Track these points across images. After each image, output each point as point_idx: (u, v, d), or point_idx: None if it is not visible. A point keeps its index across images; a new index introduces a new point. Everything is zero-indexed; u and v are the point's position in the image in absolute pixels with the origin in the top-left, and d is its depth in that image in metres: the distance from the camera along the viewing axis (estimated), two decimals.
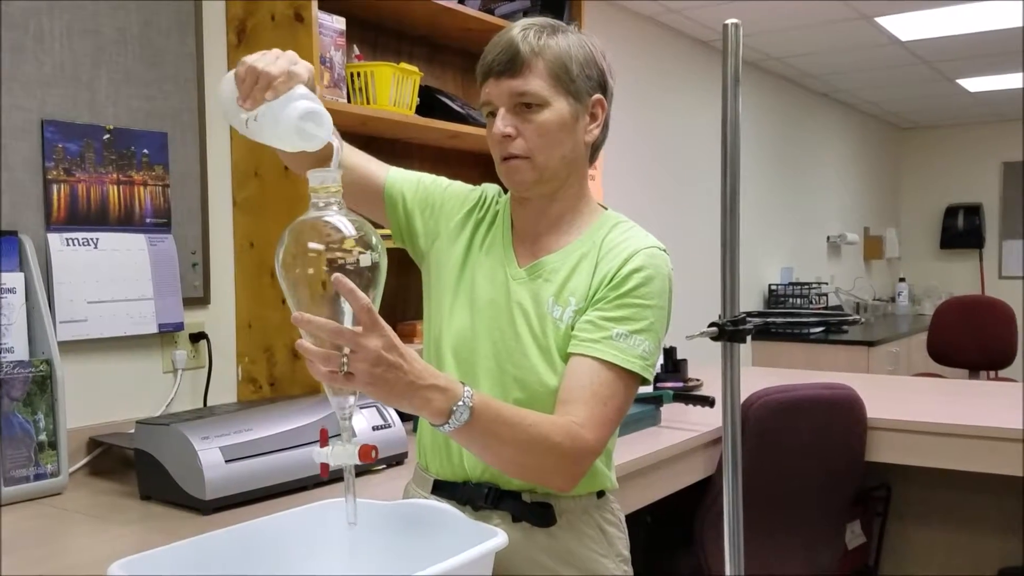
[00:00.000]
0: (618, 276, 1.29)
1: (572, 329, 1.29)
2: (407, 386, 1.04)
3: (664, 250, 1.35)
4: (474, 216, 1.44)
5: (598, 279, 1.30)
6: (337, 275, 1.00)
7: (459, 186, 1.49)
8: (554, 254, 1.36)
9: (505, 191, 1.46)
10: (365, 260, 1.06)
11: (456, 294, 1.39)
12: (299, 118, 1.13)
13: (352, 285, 0.99)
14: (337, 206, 1.09)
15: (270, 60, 1.14)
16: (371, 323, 1.00)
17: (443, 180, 1.49)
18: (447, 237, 1.43)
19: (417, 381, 1.05)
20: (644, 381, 1.29)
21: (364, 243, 1.07)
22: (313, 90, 1.18)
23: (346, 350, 1.01)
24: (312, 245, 1.05)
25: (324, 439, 1.08)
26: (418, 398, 1.06)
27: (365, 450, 1.05)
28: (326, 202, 1.09)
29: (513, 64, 1.27)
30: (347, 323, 1.04)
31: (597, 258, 1.32)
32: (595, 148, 1.40)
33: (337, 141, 1.20)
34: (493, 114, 1.31)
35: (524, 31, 1.29)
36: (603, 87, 1.36)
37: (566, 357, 1.29)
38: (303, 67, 1.16)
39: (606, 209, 1.43)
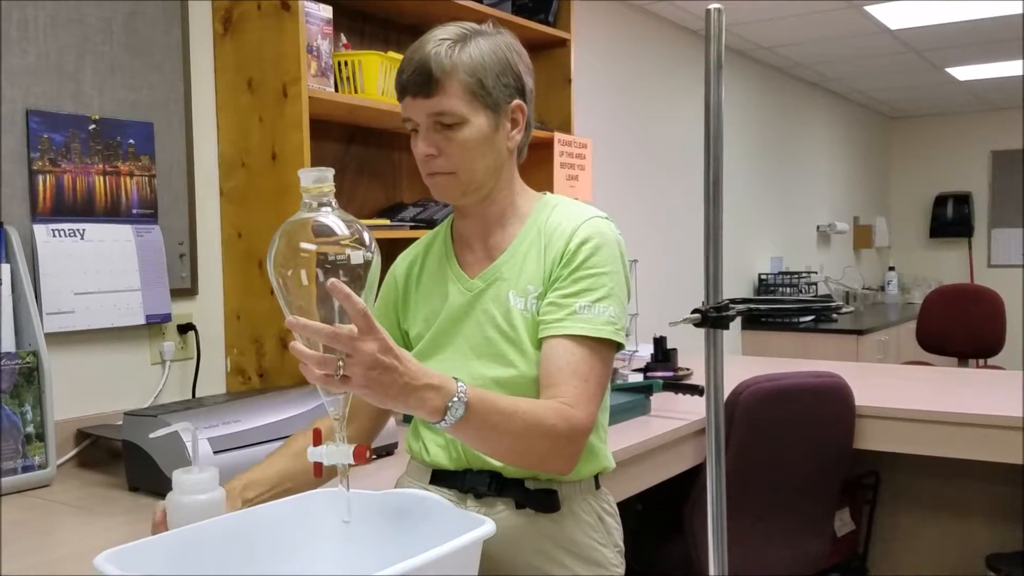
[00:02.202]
0: (567, 252, 1.30)
1: (537, 315, 1.31)
2: (402, 387, 1.04)
3: (607, 218, 1.36)
4: (403, 272, 1.47)
5: (550, 261, 1.32)
6: (333, 280, 0.99)
7: (382, 294, 1.49)
8: (503, 255, 1.37)
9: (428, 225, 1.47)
10: (357, 259, 1.05)
11: (424, 335, 1.40)
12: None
13: (348, 290, 0.99)
14: (330, 206, 1.08)
15: None
16: (367, 327, 1.00)
17: (379, 299, 1.50)
18: (404, 314, 1.46)
19: (412, 382, 1.05)
20: (618, 346, 1.30)
21: (358, 243, 1.06)
22: None
23: (341, 352, 1.00)
24: (304, 246, 1.04)
25: (318, 438, 1.07)
26: (413, 398, 1.06)
27: (360, 451, 1.05)
28: (319, 202, 1.07)
29: (427, 84, 1.27)
30: (337, 323, 1.03)
31: (544, 243, 1.34)
32: (520, 150, 1.40)
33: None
34: (416, 130, 1.31)
35: (436, 47, 1.27)
36: (521, 91, 1.35)
37: (538, 344, 1.30)
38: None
39: (544, 194, 1.44)
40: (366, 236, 1.07)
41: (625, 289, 1.34)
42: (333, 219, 1.07)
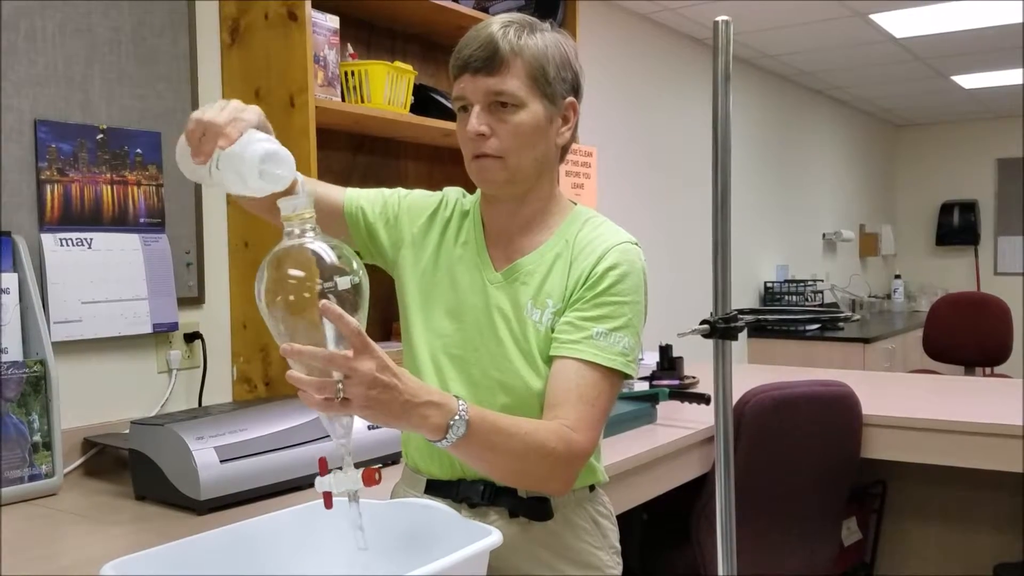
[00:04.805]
0: (593, 275, 1.29)
1: (552, 331, 1.30)
2: (403, 405, 1.04)
3: (636, 243, 1.35)
4: (439, 218, 1.44)
5: (573, 279, 1.31)
6: (324, 302, 1.00)
7: (419, 193, 1.49)
8: (529, 255, 1.36)
9: (470, 192, 1.46)
10: (345, 283, 1.05)
11: (432, 299, 1.39)
12: (260, 161, 1.12)
13: (340, 311, 0.99)
14: (312, 232, 1.08)
15: (216, 111, 1.14)
16: (362, 346, 1.00)
17: (403, 190, 1.49)
18: (412, 243, 1.43)
19: (413, 399, 1.05)
20: (627, 376, 1.30)
21: (345, 266, 1.06)
22: (267, 132, 1.18)
23: (339, 375, 1.00)
24: (293, 273, 1.05)
25: (323, 468, 1.06)
26: (415, 416, 1.06)
27: (369, 474, 1.04)
28: (301, 229, 1.08)
29: (492, 62, 1.26)
30: (331, 347, 1.03)
31: (571, 257, 1.33)
32: (564, 150, 1.40)
33: (298, 175, 1.19)
34: (465, 109, 1.30)
35: (504, 28, 1.28)
36: (576, 89, 1.35)
37: (548, 360, 1.30)
38: (251, 112, 1.17)
39: (575, 205, 1.43)
40: (353, 259, 1.08)
41: (643, 319, 1.33)
42: (318, 245, 1.07)
